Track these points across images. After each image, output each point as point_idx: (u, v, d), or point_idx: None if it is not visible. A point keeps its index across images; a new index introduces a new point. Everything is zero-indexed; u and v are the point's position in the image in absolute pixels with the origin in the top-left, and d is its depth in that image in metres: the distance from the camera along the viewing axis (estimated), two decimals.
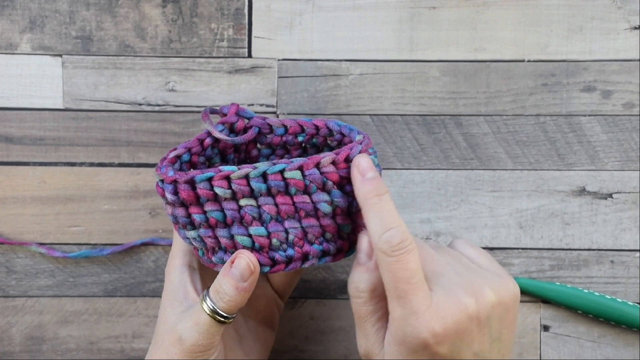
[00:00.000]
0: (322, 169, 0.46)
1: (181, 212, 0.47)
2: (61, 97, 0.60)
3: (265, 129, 0.54)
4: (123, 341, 0.60)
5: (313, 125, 0.53)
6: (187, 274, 0.50)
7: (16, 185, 0.60)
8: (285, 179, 0.45)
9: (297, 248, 0.47)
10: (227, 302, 0.47)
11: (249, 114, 0.54)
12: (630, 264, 0.60)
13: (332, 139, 0.53)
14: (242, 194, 0.45)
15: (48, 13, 0.59)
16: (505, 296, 0.45)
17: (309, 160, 0.45)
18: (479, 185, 0.60)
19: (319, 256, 0.47)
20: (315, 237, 0.47)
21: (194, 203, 0.46)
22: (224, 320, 0.47)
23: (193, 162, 0.52)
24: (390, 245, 0.43)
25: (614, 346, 0.60)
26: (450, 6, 0.59)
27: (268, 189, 0.45)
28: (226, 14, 0.59)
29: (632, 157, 0.60)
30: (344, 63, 0.60)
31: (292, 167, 0.45)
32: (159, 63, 0.59)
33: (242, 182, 0.45)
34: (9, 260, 0.60)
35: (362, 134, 0.50)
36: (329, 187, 0.46)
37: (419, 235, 0.60)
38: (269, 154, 0.55)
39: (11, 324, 0.60)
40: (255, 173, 0.45)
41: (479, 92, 0.60)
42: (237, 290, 0.46)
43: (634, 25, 0.59)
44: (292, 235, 0.46)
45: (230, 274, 0.46)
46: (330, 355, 0.61)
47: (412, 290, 0.43)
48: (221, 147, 0.53)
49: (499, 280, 0.46)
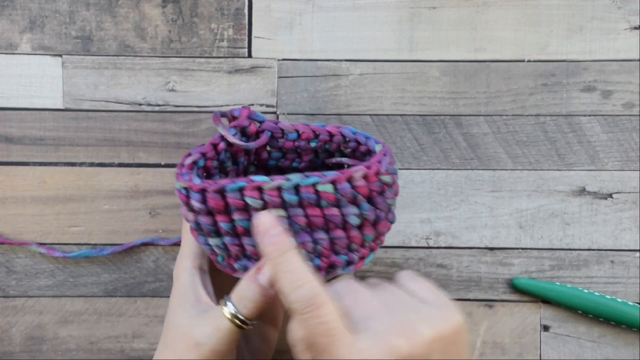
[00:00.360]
0: (353, 183, 0.46)
1: (207, 220, 0.47)
2: (61, 97, 0.60)
3: (277, 133, 0.54)
4: (123, 341, 0.60)
5: (327, 132, 0.53)
6: (198, 276, 0.50)
7: (16, 185, 0.60)
8: (317, 192, 0.45)
9: (324, 258, 0.47)
10: (252, 308, 0.46)
11: (260, 118, 0.54)
12: (630, 264, 0.60)
13: (346, 146, 0.53)
14: (273, 205, 0.45)
15: (48, 13, 0.59)
16: (444, 330, 0.42)
17: (342, 174, 0.45)
18: (479, 185, 0.60)
19: (343, 266, 0.48)
20: (342, 248, 0.47)
21: (222, 212, 0.46)
22: (244, 327, 0.47)
23: (207, 166, 0.51)
24: (300, 303, 0.42)
25: (614, 346, 0.60)
26: (450, 6, 0.59)
27: (299, 201, 0.45)
28: (226, 14, 0.59)
29: (632, 157, 0.60)
30: (344, 63, 0.60)
31: (325, 180, 0.45)
32: (159, 63, 0.59)
33: (274, 194, 0.45)
34: (9, 260, 0.60)
35: (380, 142, 0.51)
36: (359, 201, 0.46)
37: (419, 235, 0.60)
38: (279, 157, 0.55)
39: (11, 324, 0.60)
40: (288, 185, 0.45)
41: (479, 92, 0.60)
42: (263, 297, 0.46)
43: (634, 25, 0.59)
44: (320, 247, 0.47)
45: (257, 280, 0.46)
46: None
47: (331, 342, 0.41)
48: (233, 150, 0.53)
49: (438, 313, 0.43)
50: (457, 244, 0.60)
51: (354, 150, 0.53)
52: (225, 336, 0.46)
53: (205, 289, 0.49)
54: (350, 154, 0.54)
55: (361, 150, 0.53)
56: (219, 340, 0.46)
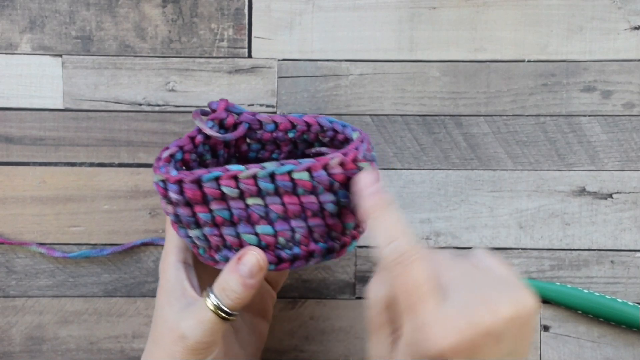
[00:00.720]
0: (330, 170, 0.46)
1: (185, 212, 0.47)
2: (61, 97, 0.60)
3: (255, 125, 0.54)
4: (123, 341, 0.60)
5: (304, 122, 0.53)
6: (183, 270, 0.50)
7: (16, 185, 0.60)
8: (293, 180, 0.45)
9: (303, 246, 0.47)
10: (234, 299, 0.46)
11: (238, 110, 0.54)
12: (630, 264, 0.60)
13: (324, 135, 0.53)
14: (250, 194, 0.46)
15: (48, 13, 0.59)
16: (521, 310, 0.43)
17: (317, 162, 0.45)
18: (479, 185, 0.60)
19: (324, 254, 0.48)
20: (321, 236, 0.47)
21: (200, 202, 0.46)
22: (228, 318, 0.47)
23: (185, 160, 0.52)
24: (392, 258, 0.42)
25: (614, 346, 0.60)
26: (450, 6, 0.59)
27: (276, 189, 0.45)
28: (226, 14, 0.59)
29: (632, 157, 0.60)
30: (344, 63, 0.60)
31: (300, 168, 0.45)
32: (159, 63, 0.59)
33: (249, 182, 0.45)
34: (9, 260, 0.60)
35: (357, 130, 0.50)
36: (335, 188, 0.46)
37: (418, 236, 0.60)
38: (259, 148, 0.55)
39: (11, 324, 0.60)
40: (263, 173, 0.45)
41: (479, 92, 0.60)
42: (244, 287, 0.46)
43: (634, 25, 0.59)
44: (299, 234, 0.47)
45: (238, 270, 0.46)
46: (330, 355, 0.61)
47: (421, 300, 0.41)
48: (212, 143, 0.53)
49: (516, 293, 0.44)
50: (457, 244, 0.60)
51: (332, 139, 0.53)
52: (209, 328, 0.46)
53: (190, 282, 0.49)
54: (329, 143, 0.54)
55: (339, 139, 0.53)
56: (203, 332, 0.46)
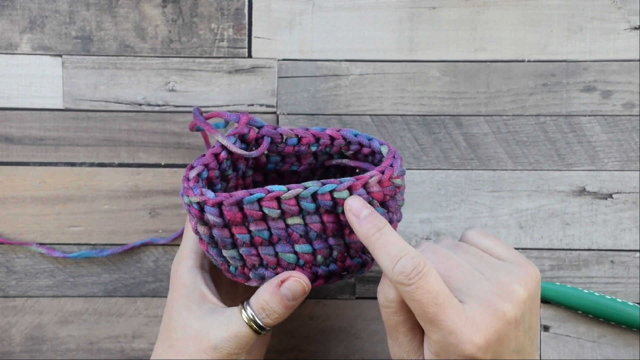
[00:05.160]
0: (369, 189, 0.46)
1: (222, 233, 0.47)
2: (61, 97, 0.60)
3: (277, 139, 0.53)
4: (123, 341, 0.60)
5: (328, 135, 0.53)
6: (200, 276, 0.50)
7: (16, 185, 0.60)
8: (334, 199, 0.46)
9: (339, 262, 0.48)
10: (275, 319, 0.47)
11: (259, 123, 0.53)
12: (630, 264, 0.60)
13: (347, 149, 0.53)
14: (291, 214, 0.46)
15: (48, 13, 0.59)
16: (532, 286, 0.44)
17: (357, 180, 0.46)
18: (479, 185, 0.60)
19: (358, 269, 0.49)
20: (356, 252, 0.48)
21: (239, 224, 0.46)
22: (261, 333, 0.48)
23: (209, 177, 0.51)
24: (404, 275, 0.43)
25: (614, 346, 0.60)
26: (450, 6, 0.59)
27: (316, 208, 0.46)
28: (226, 14, 0.59)
29: (632, 157, 0.60)
30: (344, 63, 0.60)
31: (342, 187, 0.46)
32: (159, 63, 0.59)
33: (291, 202, 0.45)
34: (9, 260, 0.60)
35: (385, 143, 0.51)
36: (374, 205, 0.47)
37: (419, 236, 0.60)
38: (278, 160, 0.54)
39: (11, 324, 0.60)
40: (306, 193, 0.45)
41: (479, 92, 0.60)
42: (286, 309, 0.47)
43: (634, 25, 0.59)
44: (336, 252, 0.48)
45: (280, 293, 0.47)
46: (330, 355, 0.61)
47: (442, 311, 0.42)
48: (234, 158, 0.52)
49: (522, 271, 0.45)
50: None
51: (355, 153, 0.53)
52: (244, 342, 0.47)
53: (208, 288, 0.50)
54: (352, 156, 0.53)
55: (364, 152, 0.53)
56: (237, 345, 0.47)
